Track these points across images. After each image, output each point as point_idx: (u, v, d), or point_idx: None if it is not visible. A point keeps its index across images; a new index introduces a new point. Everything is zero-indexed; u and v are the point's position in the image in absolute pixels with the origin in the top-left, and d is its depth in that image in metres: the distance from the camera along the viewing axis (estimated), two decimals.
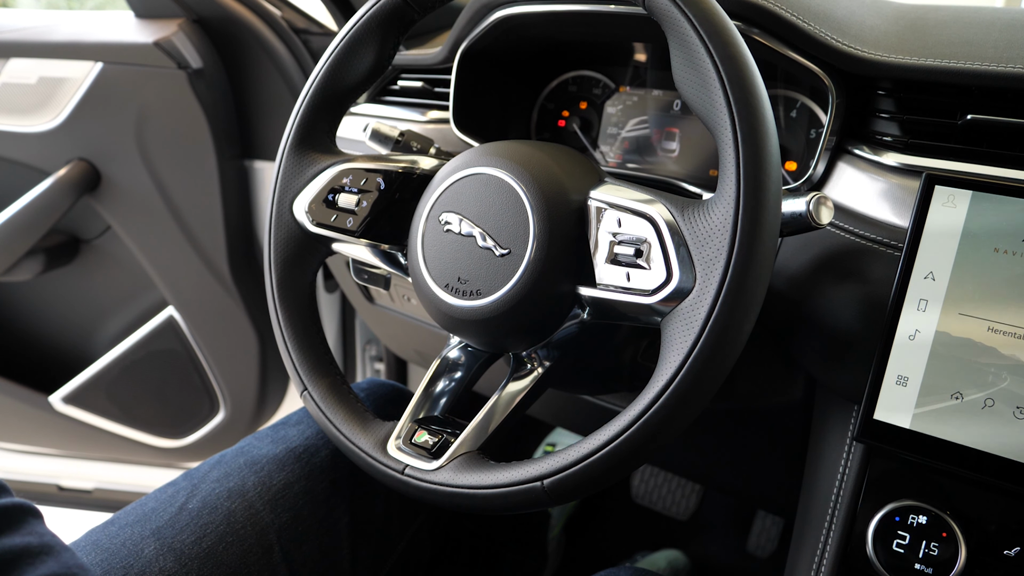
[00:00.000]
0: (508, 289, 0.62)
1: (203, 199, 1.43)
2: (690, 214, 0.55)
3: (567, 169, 0.64)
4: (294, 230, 0.76)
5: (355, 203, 0.73)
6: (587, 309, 0.63)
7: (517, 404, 0.67)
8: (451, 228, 0.66)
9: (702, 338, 0.52)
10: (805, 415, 0.82)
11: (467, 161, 0.67)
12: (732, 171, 0.52)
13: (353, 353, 1.67)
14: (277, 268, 0.75)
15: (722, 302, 0.51)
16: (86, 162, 1.44)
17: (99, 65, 1.36)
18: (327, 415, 0.71)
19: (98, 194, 1.46)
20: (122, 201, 1.46)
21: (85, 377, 1.64)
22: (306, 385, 0.73)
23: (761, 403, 0.85)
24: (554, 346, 0.67)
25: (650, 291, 0.56)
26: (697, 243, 0.53)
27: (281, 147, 0.76)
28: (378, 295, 1.28)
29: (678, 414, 0.53)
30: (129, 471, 1.83)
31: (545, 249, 0.60)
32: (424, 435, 0.66)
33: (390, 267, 0.77)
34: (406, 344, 1.40)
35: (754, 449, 0.97)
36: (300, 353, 0.73)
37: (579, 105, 0.95)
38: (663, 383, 0.53)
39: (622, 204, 0.59)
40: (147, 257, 1.51)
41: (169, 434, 1.70)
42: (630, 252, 0.58)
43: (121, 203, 1.46)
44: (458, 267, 0.65)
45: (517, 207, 0.62)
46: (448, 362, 0.73)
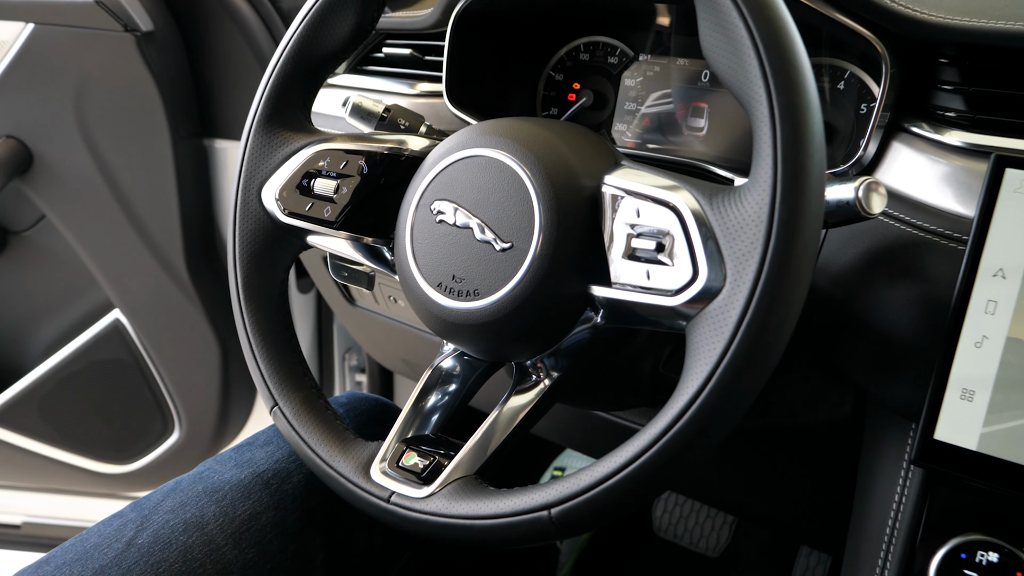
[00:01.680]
0: (510, 289, 0.62)
1: (155, 184, 1.44)
2: (720, 202, 0.56)
3: (578, 150, 0.65)
4: (262, 221, 0.77)
5: (333, 189, 0.74)
6: (601, 312, 0.64)
7: (520, 422, 0.68)
8: (444, 219, 0.67)
9: (733, 345, 0.53)
10: (854, 434, 0.83)
11: (463, 141, 0.68)
12: (768, 153, 0.52)
13: (330, 363, 1.68)
14: (243, 265, 0.76)
15: (756, 303, 0.52)
16: (15, 140, 1.44)
17: (30, 26, 1.36)
18: (300, 434, 0.71)
19: (30, 178, 1.47)
20: (58, 186, 1.46)
21: (14, 392, 1.65)
22: (276, 400, 0.73)
23: (802, 420, 0.86)
24: (563, 354, 0.68)
25: (673, 291, 0.57)
26: (728, 236, 0.54)
27: (247, 124, 0.77)
28: (360, 296, 1.29)
29: (706, 433, 0.54)
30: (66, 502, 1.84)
31: (553, 243, 0.61)
32: (413, 457, 0.67)
33: (374, 263, 0.78)
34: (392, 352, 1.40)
35: (795, 474, 0.98)
36: (269, 363, 0.74)
37: (592, 77, 0.95)
38: (688, 397, 0.54)
39: (641, 191, 0.60)
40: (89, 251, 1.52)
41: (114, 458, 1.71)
42: (650, 246, 0.58)
43: (57, 188, 1.46)
44: (452, 263, 0.66)
45: (520, 194, 0.63)
46: (441, 373, 0.74)
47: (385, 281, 1.15)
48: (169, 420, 1.66)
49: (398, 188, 0.73)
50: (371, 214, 0.74)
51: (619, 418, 1.01)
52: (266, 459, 0.86)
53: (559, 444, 1.55)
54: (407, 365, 1.38)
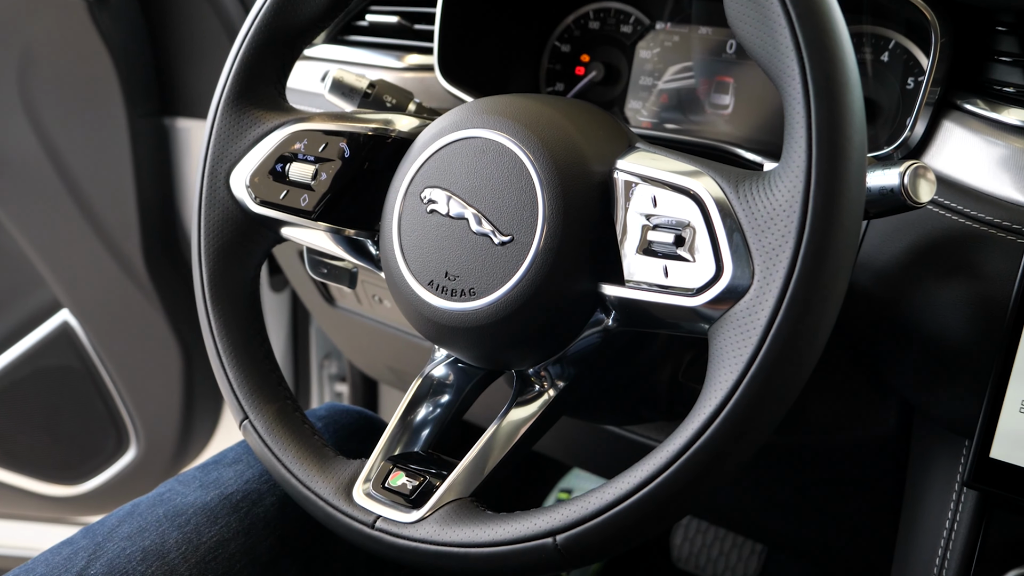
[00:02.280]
0: (510, 287, 0.63)
1: (109, 169, 1.43)
2: (747, 190, 0.56)
3: (587, 131, 0.65)
4: (231, 210, 0.77)
5: (311, 175, 0.74)
6: (612, 314, 0.64)
7: (522, 437, 0.68)
8: (436, 208, 0.67)
9: (762, 351, 0.53)
10: (899, 453, 0.83)
11: (457, 121, 0.68)
12: (801, 134, 0.53)
13: (307, 371, 1.68)
14: (209, 260, 0.76)
15: (788, 304, 0.52)
16: None
17: None
18: (274, 451, 0.72)
19: None
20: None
21: None
22: (246, 412, 0.74)
23: (840, 437, 0.86)
24: (569, 362, 0.69)
25: (694, 290, 0.57)
26: (756, 228, 0.54)
27: (214, 101, 0.77)
28: (340, 295, 1.29)
29: (731, 451, 0.54)
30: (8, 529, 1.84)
31: (558, 236, 0.62)
32: (401, 477, 0.67)
33: (356, 258, 0.78)
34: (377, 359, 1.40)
35: (832, 497, 0.98)
36: (239, 371, 0.75)
37: (603, 48, 0.95)
38: (711, 410, 0.54)
39: (658, 177, 0.60)
40: (33, 244, 1.52)
41: (62, 478, 1.71)
42: (668, 239, 0.59)
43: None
44: (445, 259, 0.66)
45: (522, 181, 0.63)
46: (432, 383, 0.74)
47: (369, 279, 1.15)
48: (124, 435, 1.66)
49: (384, 174, 0.73)
50: (353, 203, 0.75)
51: (633, 433, 1.02)
52: (235, 479, 0.86)
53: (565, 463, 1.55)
54: (393, 374, 1.38)
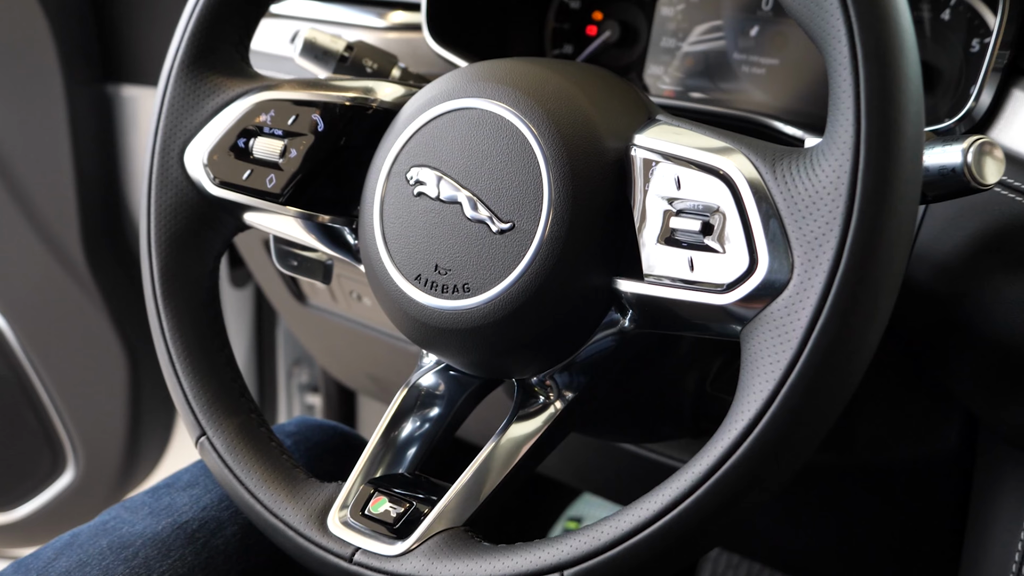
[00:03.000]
0: (511, 283, 0.63)
1: (43, 145, 1.43)
2: (786, 169, 0.56)
3: (600, 101, 0.65)
4: (186, 193, 0.77)
5: (279, 152, 0.75)
6: (629, 313, 0.64)
7: (524, 457, 0.68)
8: (425, 191, 0.67)
9: (803, 356, 0.53)
10: (962, 473, 0.83)
11: (448, 90, 0.68)
12: (848, 104, 0.53)
13: (273, 380, 1.68)
14: (160, 251, 0.76)
15: (834, 302, 0.52)
16: None
17: None
18: (235, 473, 0.72)
19: None
20: None
21: None
22: (204, 428, 0.74)
23: (894, 456, 0.86)
24: (579, 369, 0.69)
25: (724, 286, 0.57)
26: (796, 213, 0.55)
27: (166, 66, 0.77)
28: (313, 292, 1.29)
29: (767, 472, 0.55)
30: None
31: (566, 222, 0.62)
32: (384, 503, 0.67)
33: (332, 249, 0.78)
34: (355, 366, 1.40)
35: (884, 525, 0.98)
36: (195, 379, 0.75)
37: (618, 3, 0.95)
38: (744, 424, 0.54)
39: (683, 154, 0.60)
40: None
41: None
42: (694, 227, 0.59)
43: None
44: (435, 249, 0.66)
45: (524, 159, 0.63)
46: (419, 393, 0.74)
47: (346, 273, 1.15)
48: (61, 454, 1.66)
49: (364, 151, 0.73)
50: (328, 185, 0.75)
51: (652, 453, 1.02)
52: (190, 505, 0.86)
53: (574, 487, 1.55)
54: (375, 383, 1.38)
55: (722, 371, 0.82)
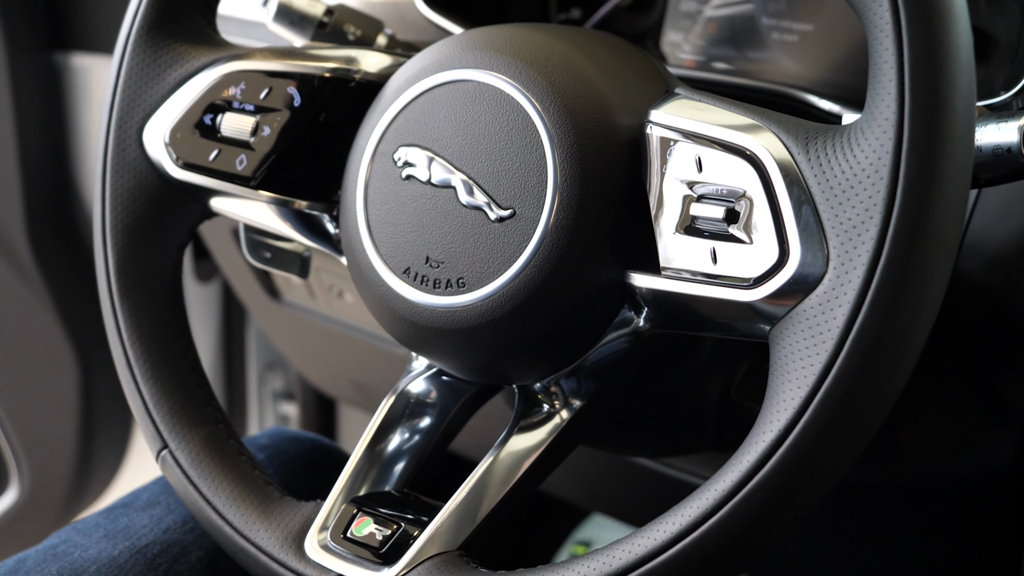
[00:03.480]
0: (511, 277, 0.63)
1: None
2: (820, 149, 0.56)
3: (611, 73, 0.65)
4: (145, 176, 0.77)
5: (250, 130, 0.75)
6: (644, 311, 0.64)
7: (526, 474, 0.68)
8: (414, 173, 0.67)
9: (840, 359, 0.53)
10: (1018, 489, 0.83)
11: (441, 60, 0.68)
12: (891, 76, 0.53)
13: (243, 386, 1.69)
14: (117, 241, 0.76)
15: (875, 298, 0.52)
16: None
17: None
18: (202, 490, 0.72)
19: None
20: None
21: None
22: (166, 440, 0.74)
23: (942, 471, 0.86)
24: (588, 375, 0.69)
25: (751, 280, 0.57)
26: (832, 198, 0.55)
27: (123, 32, 0.77)
28: (287, 288, 1.29)
29: (799, 490, 0.55)
30: None
31: (574, 209, 0.62)
32: (368, 524, 0.67)
33: (310, 239, 0.78)
34: (335, 371, 1.40)
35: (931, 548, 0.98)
36: (156, 385, 0.75)
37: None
38: (774, 436, 0.54)
39: (705, 132, 0.60)
40: None
41: None
42: (717, 214, 0.59)
43: None
44: (426, 240, 0.66)
45: (526, 138, 0.63)
46: (408, 401, 0.74)
47: (326, 266, 1.15)
48: (3, 469, 1.66)
49: (345, 128, 0.73)
50: (305, 166, 0.75)
51: (670, 468, 1.02)
52: (150, 527, 0.86)
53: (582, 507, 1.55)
54: (358, 390, 1.38)
55: (748, 376, 0.82)
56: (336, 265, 1.10)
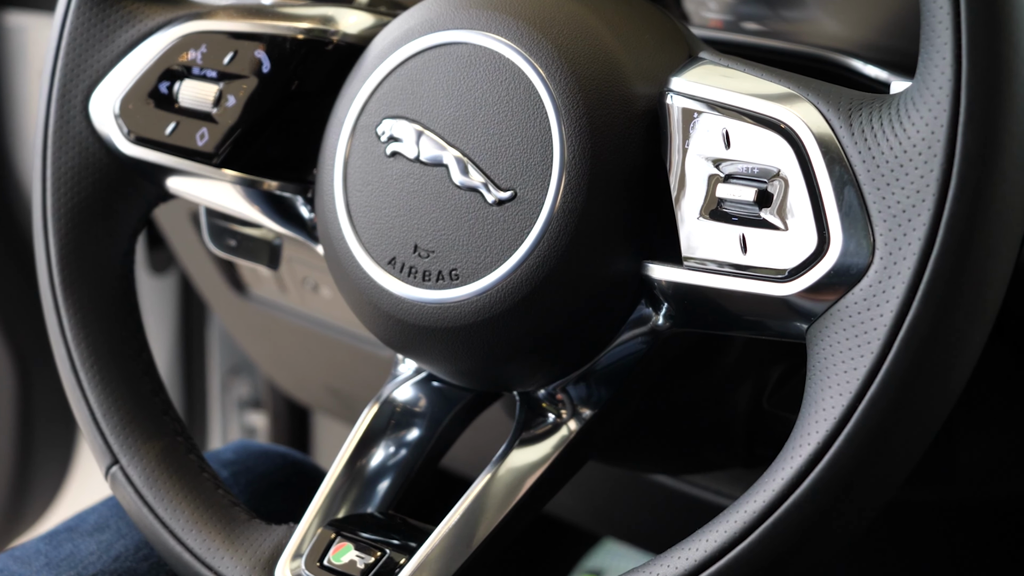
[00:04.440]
0: (512, 269, 0.63)
1: None
2: (866, 122, 0.56)
3: (626, 34, 0.65)
4: (93, 152, 0.77)
5: (213, 99, 0.75)
6: (663, 308, 0.65)
7: (528, 493, 0.68)
8: (400, 150, 0.67)
9: (887, 362, 0.53)
10: None
11: (431, 19, 0.68)
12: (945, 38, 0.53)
13: (204, 393, 1.69)
14: (60, 228, 0.77)
15: (927, 292, 0.52)
16: None
17: None
18: (157, 513, 0.72)
19: None
20: None
21: None
22: (116, 455, 0.74)
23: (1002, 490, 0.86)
24: (599, 380, 0.69)
25: (786, 272, 0.57)
26: (878, 179, 0.55)
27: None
28: (255, 280, 1.29)
29: (841, 511, 0.55)
30: None
31: (583, 191, 0.62)
32: (348, 551, 0.68)
33: (281, 224, 0.78)
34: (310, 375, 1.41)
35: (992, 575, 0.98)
36: (105, 393, 0.75)
37: None
38: (811, 450, 0.55)
39: (733, 103, 0.60)
40: None
41: None
42: (748, 197, 0.59)
43: None
44: (414, 226, 0.66)
45: (529, 109, 0.63)
46: (394, 411, 0.75)
47: (299, 255, 1.15)
48: None
49: (322, 98, 0.73)
50: (276, 142, 0.75)
51: (693, 487, 1.02)
52: (98, 555, 0.86)
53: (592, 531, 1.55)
54: (335, 397, 1.38)
55: (782, 382, 0.82)
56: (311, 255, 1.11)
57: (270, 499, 0.94)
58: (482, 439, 0.80)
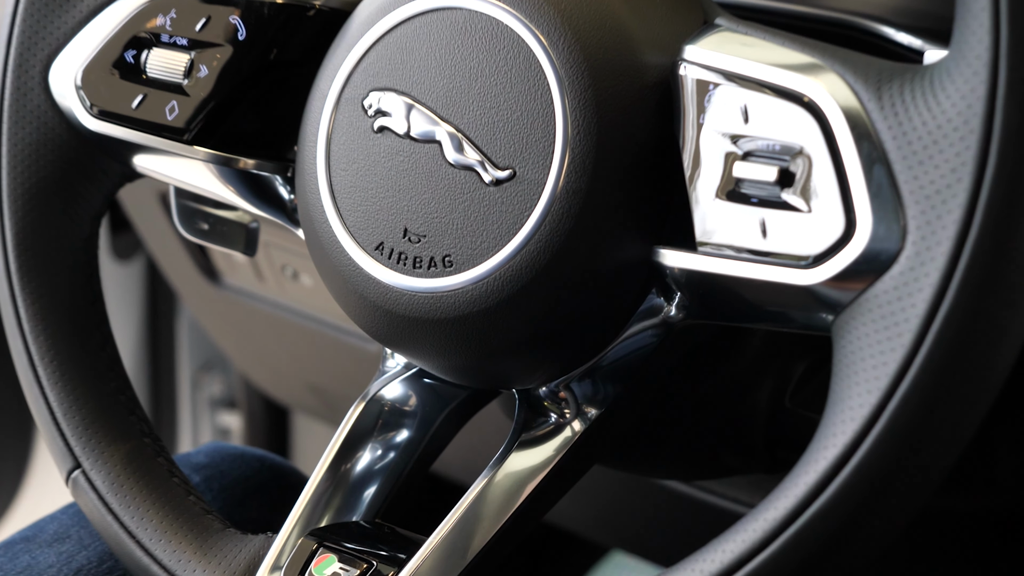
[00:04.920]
0: (510, 255, 0.63)
1: None
2: (896, 95, 0.56)
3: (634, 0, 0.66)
4: (52, 128, 0.77)
5: (184, 70, 0.75)
6: (676, 297, 0.65)
7: (528, 500, 0.68)
8: (389, 124, 0.67)
9: (919, 356, 0.53)
10: None
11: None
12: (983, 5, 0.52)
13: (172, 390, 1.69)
14: (16, 211, 0.77)
15: (963, 280, 0.52)
16: None
17: None
18: (123, 521, 0.72)
19: None
20: None
21: None
22: (78, 459, 0.74)
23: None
24: (606, 377, 0.69)
25: (810, 259, 0.57)
26: (911, 157, 0.55)
27: None
28: (229, 268, 1.29)
29: (868, 520, 0.55)
30: None
31: (588, 170, 0.62)
32: (332, 563, 0.68)
33: (257, 206, 0.78)
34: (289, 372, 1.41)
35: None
36: (66, 391, 0.75)
37: None
38: (837, 453, 0.55)
39: (753, 74, 0.60)
40: None
41: None
42: (768, 176, 0.59)
43: None
44: (404, 208, 0.66)
45: (529, 80, 0.63)
46: (381, 410, 0.75)
47: (277, 240, 1.15)
48: None
49: (302, 68, 0.73)
50: (253, 116, 0.75)
51: (708, 494, 1.02)
52: (58, 567, 0.86)
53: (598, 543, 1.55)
54: (317, 396, 1.38)
55: (806, 379, 0.82)
56: (291, 239, 1.11)
57: (246, 506, 0.94)
58: (478, 441, 0.80)
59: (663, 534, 1.16)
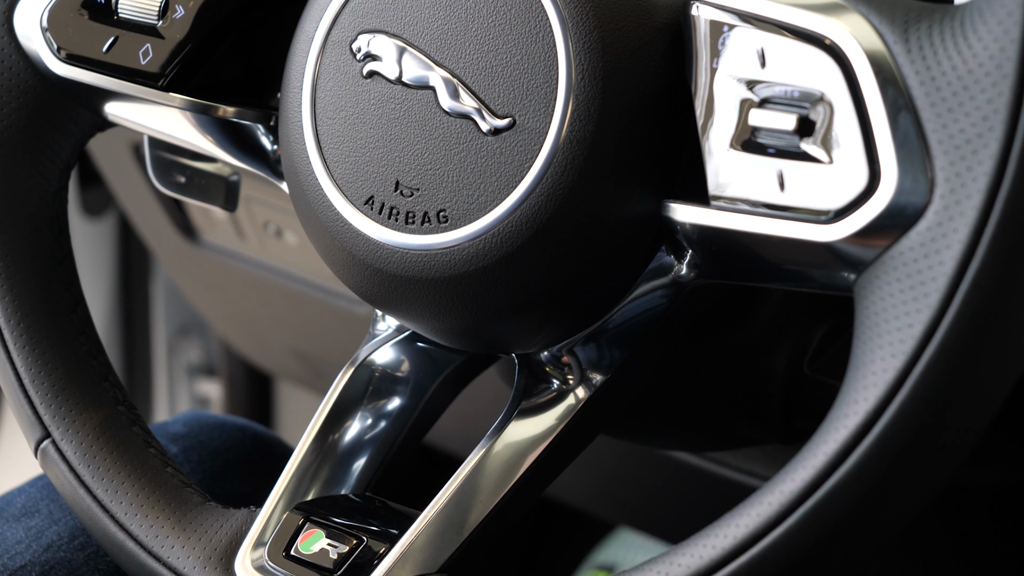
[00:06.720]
0: (510, 209, 0.63)
1: None
2: (924, 37, 0.56)
3: None
4: (16, 73, 0.77)
5: (158, 10, 0.74)
6: (688, 255, 0.65)
7: (528, 473, 0.69)
8: (379, 69, 0.67)
9: (947, 318, 0.53)
10: None
11: None
12: None
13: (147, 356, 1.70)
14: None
15: (994, 236, 0.52)
16: None
17: None
18: (96, 495, 0.72)
19: None
20: None
21: None
22: (48, 428, 0.74)
23: None
24: (612, 340, 0.69)
25: (831, 213, 0.57)
26: (939, 104, 0.55)
27: None
28: (207, 224, 1.29)
29: (891, 493, 0.55)
30: None
31: (593, 118, 0.62)
32: (319, 538, 0.68)
33: (238, 158, 0.78)
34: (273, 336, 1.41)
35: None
36: (33, 356, 0.75)
37: None
38: (858, 421, 0.55)
39: (770, 14, 0.60)
40: None
41: None
42: (786, 125, 0.59)
43: None
44: (396, 159, 0.66)
45: (529, 23, 0.63)
46: (372, 376, 0.75)
47: (259, 195, 1.15)
48: None
49: (286, 9, 0.73)
50: (233, 60, 0.75)
51: (721, 466, 1.03)
52: (27, 544, 0.87)
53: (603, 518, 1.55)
54: (302, 361, 1.38)
55: (827, 343, 0.82)
56: (274, 193, 1.11)
57: (227, 479, 0.94)
58: (474, 409, 0.80)
59: (672, 509, 1.16)
